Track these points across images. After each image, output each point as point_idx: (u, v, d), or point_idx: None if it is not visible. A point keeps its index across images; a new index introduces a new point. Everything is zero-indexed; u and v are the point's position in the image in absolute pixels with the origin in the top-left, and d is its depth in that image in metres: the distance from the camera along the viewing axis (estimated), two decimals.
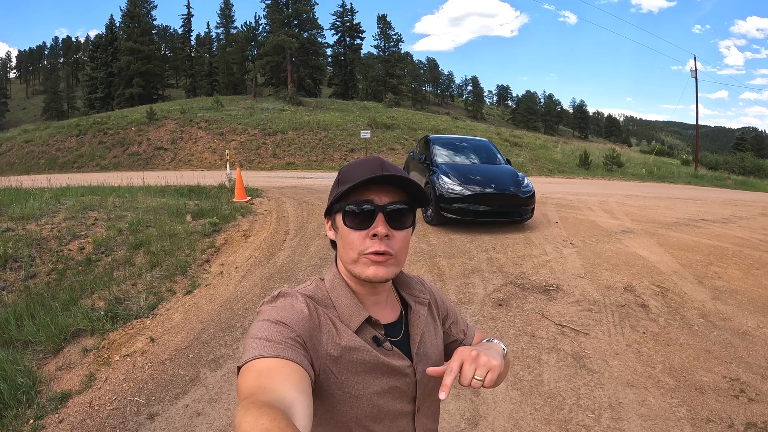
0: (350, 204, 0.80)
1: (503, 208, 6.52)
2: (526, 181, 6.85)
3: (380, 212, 0.80)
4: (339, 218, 0.83)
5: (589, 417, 2.57)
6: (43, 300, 3.88)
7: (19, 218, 5.26)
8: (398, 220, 0.81)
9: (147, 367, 3.14)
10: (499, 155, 8.03)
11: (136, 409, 2.71)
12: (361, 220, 0.80)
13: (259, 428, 0.50)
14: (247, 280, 4.58)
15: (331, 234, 0.88)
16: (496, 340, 0.88)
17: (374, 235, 0.79)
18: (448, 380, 0.69)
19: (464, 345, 1.02)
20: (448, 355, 1.03)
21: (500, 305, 4.03)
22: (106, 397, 2.82)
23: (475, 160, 7.76)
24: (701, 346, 3.34)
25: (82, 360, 3.24)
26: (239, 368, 0.68)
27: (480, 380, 0.70)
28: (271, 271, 4.80)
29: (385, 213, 0.80)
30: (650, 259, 5.19)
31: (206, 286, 4.46)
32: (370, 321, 0.83)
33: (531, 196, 6.61)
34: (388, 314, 0.89)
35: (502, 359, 0.76)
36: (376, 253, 0.79)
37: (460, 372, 0.70)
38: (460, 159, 7.70)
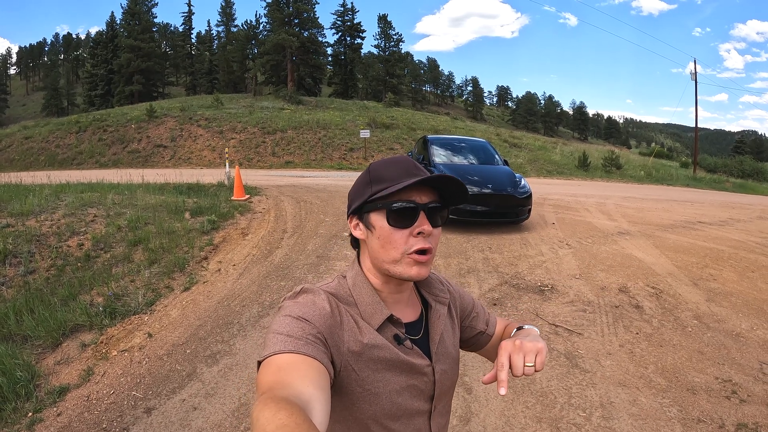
0: (396, 203, 0.81)
1: (500, 209, 6.55)
2: (523, 182, 6.88)
3: (422, 211, 0.82)
4: (375, 217, 0.83)
5: (580, 415, 2.60)
6: (42, 295, 3.90)
7: (18, 214, 5.28)
8: (436, 218, 0.84)
9: (144, 363, 3.17)
10: (496, 156, 8.07)
11: (133, 404, 2.74)
12: (405, 219, 0.82)
13: (276, 423, 0.51)
14: (245, 278, 4.61)
15: (357, 233, 0.88)
16: (526, 326, 0.91)
17: (419, 233, 0.82)
18: (503, 375, 0.74)
19: (487, 335, 1.05)
20: (476, 346, 1.06)
21: (495, 305, 4.06)
22: (104, 392, 2.85)
23: (473, 161, 7.80)
24: (694, 348, 3.37)
25: (80, 355, 3.27)
26: (260, 363, 0.69)
27: (531, 365, 0.76)
28: (269, 269, 4.83)
29: (427, 211, 0.83)
30: (646, 261, 5.22)
31: (204, 283, 4.48)
32: (391, 319, 0.84)
33: (528, 197, 6.64)
34: (409, 313, 0.90)
35: (542, 340, 0.82)
36: (421, 252, 0.81)
37: (510, 365, 0.76)
38: (458, 159, 7.74)
